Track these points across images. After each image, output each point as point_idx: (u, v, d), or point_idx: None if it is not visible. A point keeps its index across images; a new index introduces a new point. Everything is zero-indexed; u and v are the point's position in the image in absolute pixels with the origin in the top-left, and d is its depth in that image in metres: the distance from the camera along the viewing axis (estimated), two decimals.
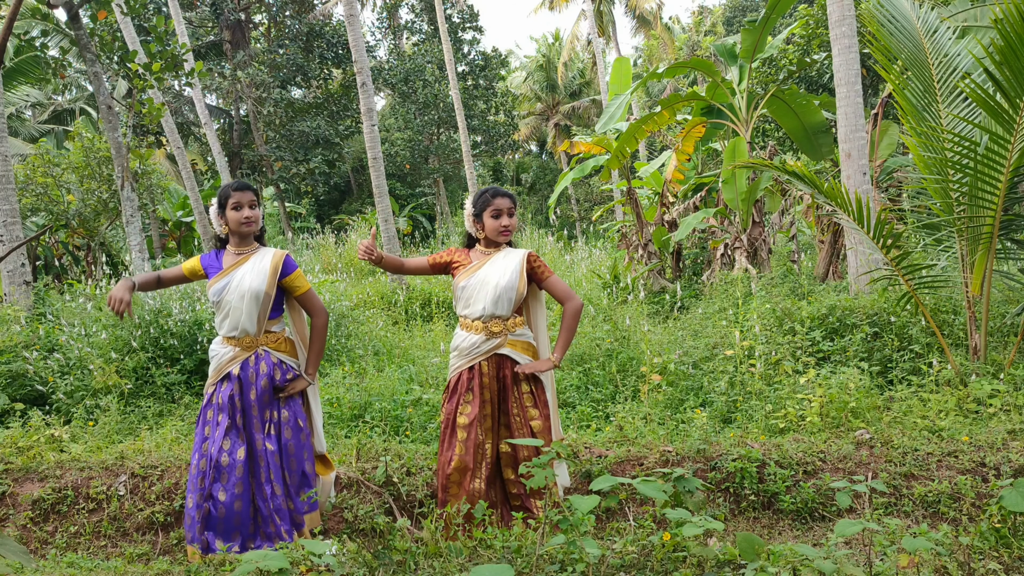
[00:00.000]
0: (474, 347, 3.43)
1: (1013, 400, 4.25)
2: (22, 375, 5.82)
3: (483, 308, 3.40)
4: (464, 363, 3.46)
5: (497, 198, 3.46)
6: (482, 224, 3.50)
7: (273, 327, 3.48)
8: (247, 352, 3.40)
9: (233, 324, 3.39)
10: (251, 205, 3.40)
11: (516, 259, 3.45)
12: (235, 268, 3.42)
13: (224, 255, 3.50)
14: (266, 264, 3.42)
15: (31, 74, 13.68)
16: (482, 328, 3.42)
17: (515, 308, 3.44)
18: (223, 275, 3.41)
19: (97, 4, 13.98)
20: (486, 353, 3.42)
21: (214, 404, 3.41)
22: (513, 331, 3.44)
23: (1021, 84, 4.09)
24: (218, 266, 3.46)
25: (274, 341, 3.46)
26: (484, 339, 3.42)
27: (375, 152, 10.39)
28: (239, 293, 3.35)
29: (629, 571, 2.55)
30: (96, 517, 3.86)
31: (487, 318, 3.41)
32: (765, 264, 9.29)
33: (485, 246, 3.55)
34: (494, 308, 3.39)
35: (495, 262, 3.46)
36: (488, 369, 3.43)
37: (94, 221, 13.58)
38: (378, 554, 2.79)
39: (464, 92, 23.66)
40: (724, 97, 9.55)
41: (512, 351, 3.43)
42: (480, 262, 3.49)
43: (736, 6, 28.43)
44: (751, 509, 3.70)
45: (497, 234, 3.46)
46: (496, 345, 3.42)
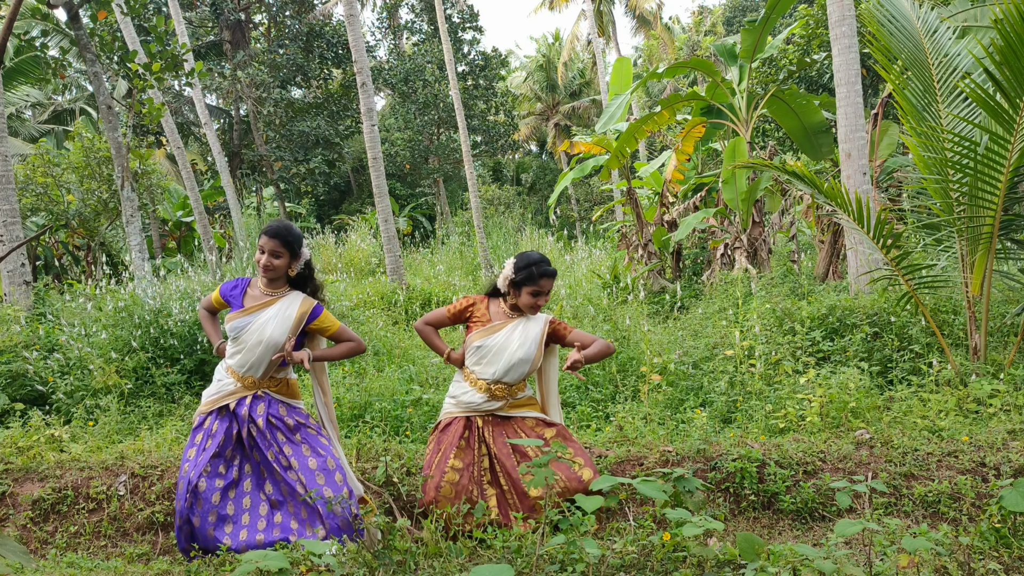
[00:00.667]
0: (472, 403, 3.44)
1: (1013, 400, 4.25)
2: (22, 375, 5.82)
3: (493, 373, 3.40)
4: (459, 412, 3.47)
5: (543, 279, 3.40)
6: (518, 293, 3.45)
7: (284, 374, 3.46)
8: (248, 391, 3.37)
9: (243, 362, 3.34)
10: (273, 254, 3.29)
11: (537, 329, 3.44)
12: (260, 310, 3.34)
13: (250, 290, 3.41)
14: (292, 313, 3.34)
15: (31, 74, 13.69)
16: (486, 388, 3.42)
17: (525, 378, 3.46)
18: (245, 314, 3.33)
19: (97, 4, 13.98)
20: (484, 412, 3.45)
21: (206, 429, 3.37)
22: (515, 396, 3.46)
23: (1021, 84, 4.09)
24: (239, 303, 3.39)
25: (277, 386, 3.43)
26: (485, 399, 3.43)
27: (375, 152, 10.38)
28: (257, 338, 3.29)
29: (629, 571, 2.55)
30: (96, 517, 3.86)
31: (494, 382, 3.42)
32: (765, 264, 9.29)
33: (510, 308, 3.51)
34: (504, 375, 3.40)
35: (516, 329, 3.43)
36: (483, 425, 3.46)
37: (94, 221, 13.59)
38: (378, 554, 2.79)
39: (464, 92, 23.66)
40: (724, 97, 9.55)
41: (511, 412, 3.47)
42: (500, 323, 3.46)
43: (736, 6, 28.43)
44: (751, 509, 3.70)
45: (528, 308, 3.45)
46: (496, 408, 3.45)
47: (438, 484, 3.36)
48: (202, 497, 3.26)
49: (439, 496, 3.35)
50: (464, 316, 3.55)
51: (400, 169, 24.65)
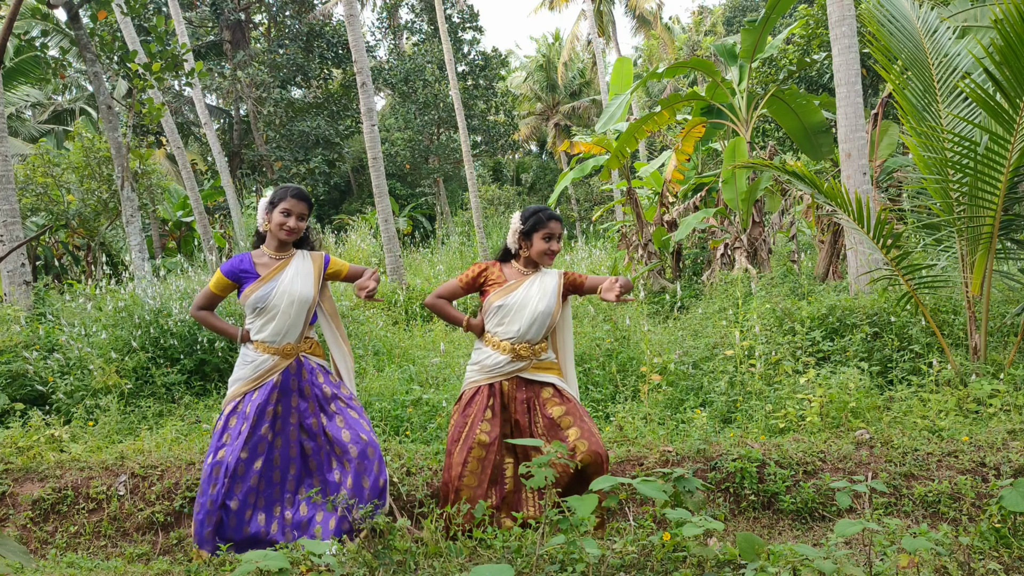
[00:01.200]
0: (497, 366, 3.39)
1: (1013, 400, 4.25)
2: (22, 375, 5.82)
3: (518, 330, 3.36)
4: (484, 379, 3.42)
5: (552, 221, 3.40)
6: (530, 243, 3.43)
7: (310, 332, 3.45)
8: (286, 360, 3.34)
9: (277, 330, 3.30)
10: (300, 217, 3.32)
11: (553, 282, 3.43)
12: (278, 273, 3.31)
13: (257, 260, 3.37)
14: (310, 267, 3.36)
15: (31, 74, 13.68)
16: (510, 349, 3.38)
17: (547, 333, 3.43)
18: (265, 281, 3.29)
19: (97, 4, 13.98)
20: (508, 374, 3.40)
21: (239, 412, 3.32)
22: (538, 355, 3.42)
23: (1021, 84, 4.09)
24: (254, 273, 3.34)
25: (310, 347, 3.42)
26: (509, 360, 3.38)
27: (375, 152, 10.38)
28: (288, 299, 3.27)
29: (629, 571, 2.55)
30: (96, 517, 3.86)
31: (518, 341, 3.38)
32: (765, 264, 9.30)
33: (524, 265, 3.49)
34: (528, 332, 3.36)
35: (533, 284, 3.41)
36: (508, 389, 3.41)
37: (94, 221, 13.59)
38: (378, 554, 2.79)
39: (464, 92, 23.67)
40: (724, 97, 9.55)
41: (535, 374, 3.41)
42: (517, 282, 3.43)
43: (736, 6, 28.43)
44: (751, 509, 3.70)
45: (543, 256, 3.42)
46: (520, 368, 3.39)
47: (464, 460, 3.31)
48: (240, 480, 3.23)
49: (465, 472, 3.29)
50: (478, 283, 3.50)
51: (400, 169, 24.65)
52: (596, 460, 3.26)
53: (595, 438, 3.31)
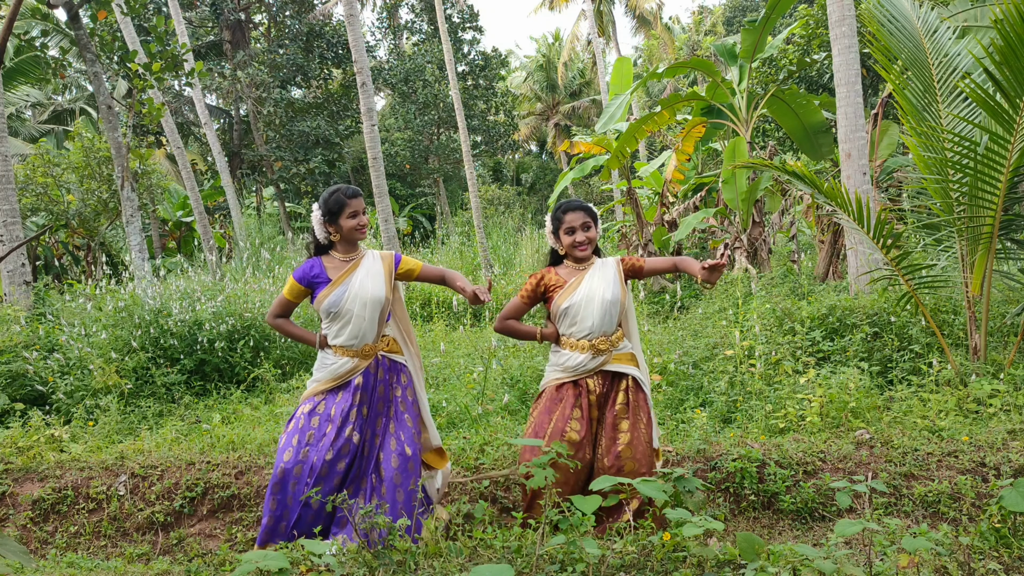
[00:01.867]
0: (581, 365, 3.34)
1: (1013, 400, 4.25)
2: (22, 375, 5.82)
3: (591, 325, 3.31)
4: (567, 377, 3.38)
5: (567, 214, 3.36)
6: (560, 242, 3.42)
7: (387, 330, 3.42)
8: (366, 360, 3.32)
9: (354, 333, 3.27)
10: (364, 212, 3.33)
11: (612, 270, 3.39)
12: (349, 276, 3.29)
13: (327, 263, 3.35)
14: (380, 267, 3.34)
15: (31, 74, 13.68)
16: (589, 347, 3.34)
17: (619, 321, 3.40)
18: (336, 285, 3.27)
19: (97, 4, 13.97)
20: (592, 371, 3.36)
21: (322, 413, 3.27)
22: (617, 346, 3.39)
23: (1021, 84, 4.09)
24: (325, 277, 3.31)
25: (387, 345, 3.40)
26: (591, 357, 3.34)
27: (375, 152, 10.38)
28: (361, 301, 3.25)
29: (629, 571, 2.55)
30: (96, 517, 3.86)
31: (594, 336, 3.33)
32: (765, 264, 9.30)
33: (574, 262, 3.44)
34: (601, 325, 3.32)
35: (594, 276, 3.37)
36: (594, 386, 3.37)
37: (94, 221, 13.59)
38: (378, 554, 2.79)
39: (464, 92, 23.66)
40: (724, 97, 9.55)
41: (618, 365, 3.38)
42: (576, 279, 3.38)
43: (736, 6, 28.43)
44: (751, 509, 3.70)
45: (573, 250, 3.38)
46: (602, 362, 3.35)
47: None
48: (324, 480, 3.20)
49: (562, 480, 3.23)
50: (539, 292, 3.46)
51: (400, 169, 24.64)
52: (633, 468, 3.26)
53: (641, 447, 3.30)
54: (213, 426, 4.84)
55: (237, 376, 6.25)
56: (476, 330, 7.95)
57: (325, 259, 3.36)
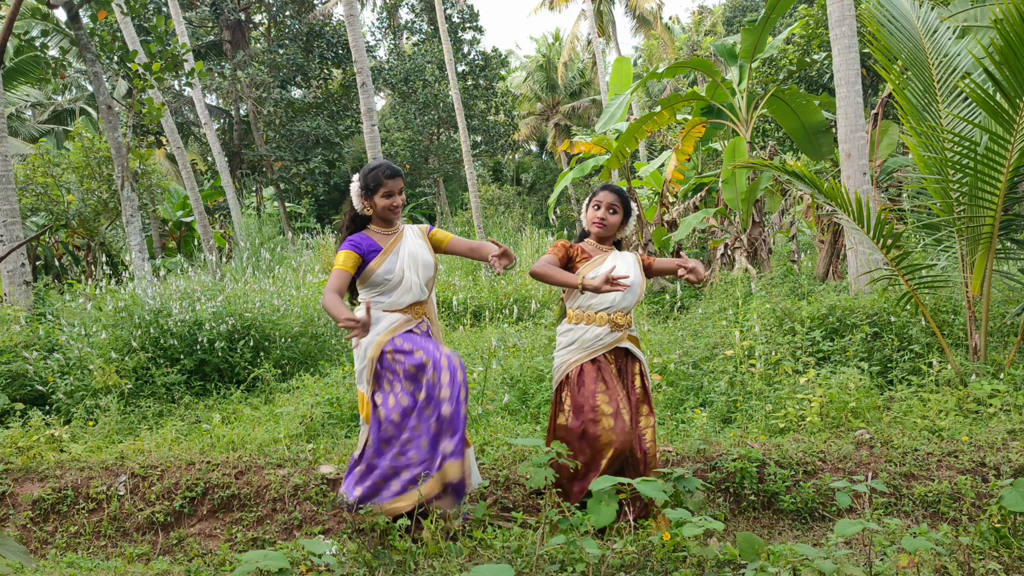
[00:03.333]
0: (597, 339, 3.35)
1: (1013, 400, 4.25)
2: (22, 375, 5.82)
3: (613, 299, 3.36)
4: (584, 356, 3.37)
5: (601, 192, 3.50)
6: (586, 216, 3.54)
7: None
8: (418, 319, 3.42)
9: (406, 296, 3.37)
10: (400, 192, 3.43)
11: (634, 257, 3.52)
12: (397, 244, 3.41)
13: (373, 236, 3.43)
14: (420, 237, 3.48)
15: (31, 74, 13.68)
16: (607, 320, 3.36)
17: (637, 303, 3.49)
18: (387, 254, 3.37)
19: (97, 4, 13.98)
20: (609, 346, 3.37)
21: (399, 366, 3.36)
22: (630, 326, 3.46)
23: (1021, 84, 4.09)
24: (376, 246, 3.39)
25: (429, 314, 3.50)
26: (608, 331, 3.36)
27: (375, 152, 10.38)
28: (413, 267, 3.37)
29: (629, 571, 2.55)
30: (96, 517, 3.86)
31: (614, 310, 3.38)
32: (765, 264, 9.30)
33: (597, 241, 3.54)
34: (624, 300, 3.38)
35: (617, 257, 3.47)
36: (611, 363, 3.40)
37: (94, 221, 13.59)
38: (378, 554, 2.79)
39: (464, 92, 23.66)
40: (724, 97, 9.55)
41: (631, 345, 3.44)
42: (602, 256, 3.47)
43: (736, 6, 28.43)
44: (751, 509, 3.70)
45: (592, 225, 3.50)
46: (619, 338, 3.38)
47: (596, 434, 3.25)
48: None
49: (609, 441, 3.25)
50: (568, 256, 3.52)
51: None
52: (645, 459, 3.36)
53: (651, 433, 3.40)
54: (213, 426, 4.84)
55: (237, 376, 6.25)
56: (476, 330, 7.94)
57: (371, 231, 3.46)
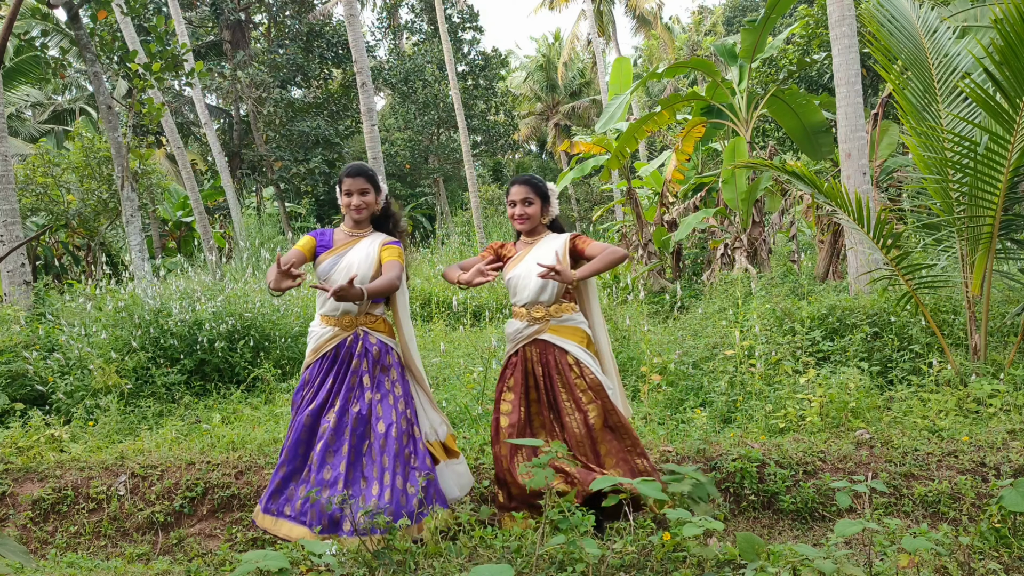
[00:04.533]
0: (517, 332, 3.46)
1: (1013, 400, 4.25)
2: (22, 375, 5.82)
3: (527, 295, 3.42)
4: (510, 348, 3.50)
5: (513, 187, 3.51)
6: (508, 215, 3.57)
7: (374, 309, 3.44)
8: (347, 332, 3.37)
9: (335, 305, 3.33)
10: (362, 192, 3.38)
11: (558, 243, 3.46)
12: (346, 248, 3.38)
13: (336, 233, 3.47)
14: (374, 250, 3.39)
15: (31, 74, 13.68)
16: (525, 315, 3.44)
17: (561, 293, 3.44)
18: (332, 253, 3.39)
19: (97, 4, 13.97)
20: (528, 338, 3.43)
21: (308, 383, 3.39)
22: (558, 316, 3.43)
23: (1021, 84, 4.09)
24: (329, 243, 3.44)
25: (372, 322, 3.42)
26: (526, 325, 3.44)
27: (375, 152, 10.38)
28: (347, 276, 3.28)
29: (629, 571, 2.55)
30: (96, 517, 3.86)
31: (530, 305, 3.43)
32: (765, 264, 9.29)
33: (527, 235, 3.57)
34: (540, 295, 3.40)
35: (537, 249, 3.48)
36: (532, 355, 3.44)
37: (94, 221, 13.58)
38: (378, 554, 2.79)
39: (464, 92, 23.65)
40: (724, 97, 9.55)
41: (555, 336, 3.41)
42: (523, 252, 3.52)
43: (736, 6, 28.42)
44: (751, 509, 3.70)
45: (516, 224, 3.53)
46: (537, 331, 3.42)
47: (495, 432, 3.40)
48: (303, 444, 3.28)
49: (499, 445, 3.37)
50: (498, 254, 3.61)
51: (400, 169, 24.63)
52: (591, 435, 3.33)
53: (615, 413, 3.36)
54: (213, 426, 4.84)
55: (237, 376, 6.25)
56: (476, 330, 7.94)
57: (337, 230, 3.49)
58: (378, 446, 3.24)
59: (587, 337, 3.49)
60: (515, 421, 3.37)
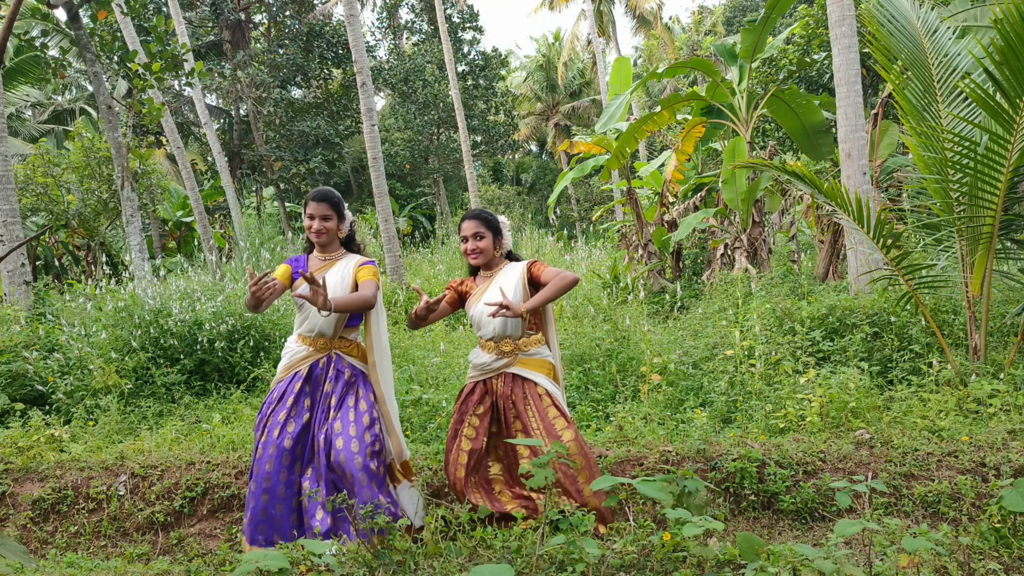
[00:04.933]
0: (485, 364, 3.47)
1: (1013, 400, 4.25)
2: (22, 375, 5.82)
3: (493, 330, 3.42)
4: (478, 376, 3.51)
5: (464, 222, 3.50)
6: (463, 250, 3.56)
7: (349, 334, 3.47)
8: (320, 353, 3.40)
9: (310, 327, 3.38)
10: (324, 218, 3.40)
11: (517, 274, 3.45)
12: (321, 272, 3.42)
13: (309, 260, 3.51)
14: (349, 272, 3.41)
15: (31, 74, 13.68)
16: (494, 348, 3.45)
17: (526, 325, 3.45)
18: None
19: (97, 4, 13.98)
20: (497, 371, 3.46)
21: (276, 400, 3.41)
22: (526, 350, 3.44)
23: (1021, 84, 4.09)
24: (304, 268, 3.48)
25: (346, 346, 3.45)
26: (495, 358, 3.45)
27: (375, 152, 10.38)
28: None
29: (629, 571, 2.55)
30: (96, 517, 3.86)
31: (498, 339, 3.44)
32: (765, 264, 9.29)
33: (484, 269, 3.57)
34: (503, 329, 3.41)
35: (497, 283, 3.46)
36: (500, 388, 3.46)
37: (94, 221, 13.58)
38: (378, 554, 2.79)
39: (464, 92, 23.65)
40: (724, 97, 9.55)
41: (524, 370, 3.43)
42: (484, 286, 3.51)
43: (736, 6, 28.42)
44: (751, 509, 3.70)
45: (469, 259, 3.51)
46: (506, 364, 3.44)
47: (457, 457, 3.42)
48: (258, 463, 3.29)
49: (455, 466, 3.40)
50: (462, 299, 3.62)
51: (400, 169, 24.63)
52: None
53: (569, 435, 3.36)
54: (213, 426, 4.84)
55: (237, 376, 6.25)
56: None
57: (312, 256, 3.53)
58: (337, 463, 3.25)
59: (553, 369, 3.51)
60: (477, 447, 3.42)
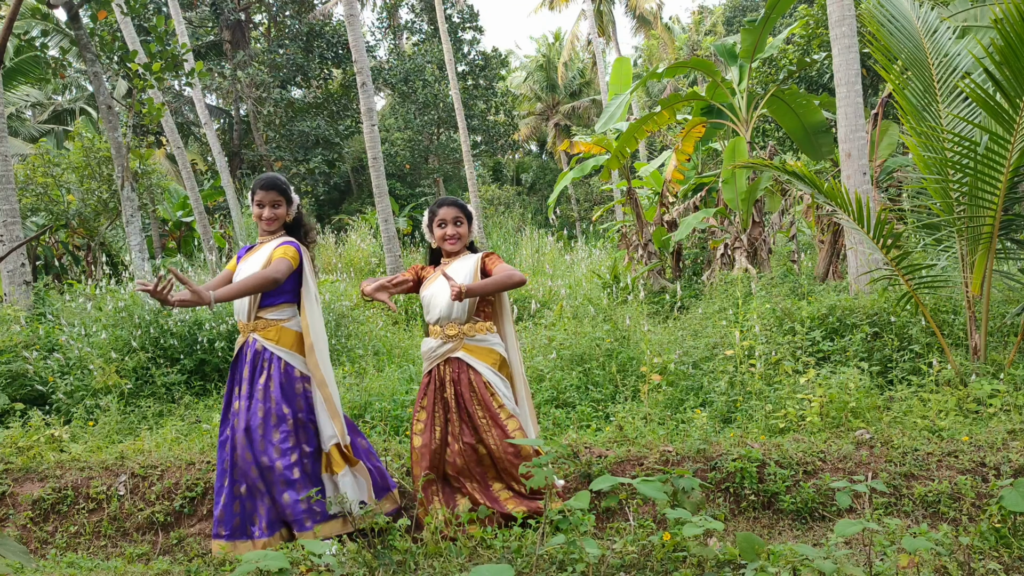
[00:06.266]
0: (430, 351, 3.50)
1: (1013, 400, 4.25)
2: (22, 375, 5.82)
3: (439, 313, 3.44)
4: (426, 366, 3.53)
5: (441, 208, 3.53)
6: (434, 235, 3.57)
7: (268, 314, 3.40)
8: (245, 335, 3.45)
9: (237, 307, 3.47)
10: (274, 204, 3.46)
11: (471, 263, 3.49)
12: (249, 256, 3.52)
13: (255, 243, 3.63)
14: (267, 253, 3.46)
15: (31, 74, 13.67)
16: (439, 333, 3.47)
17: (473, 311, 3.45)
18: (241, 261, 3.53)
19: (97, 4, 13.97)
20: (441, 357, 3.46)
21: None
22: (471, 335, 3.45)
23: (1021, 84, 4.09)
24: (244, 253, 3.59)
25: (264, 327, 3.38)
26: (440, 343, 3.46)
27: (375, 152, 10.38)
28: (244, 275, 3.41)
29: (629, 571, 2.55)
30: (96, 517, 3.86)
31: (443, 322, 3.46)
32: (765, 264, 9.29)
33: (446, 256, 3.60)
34: (451, 313, 3.42)
35: (451, 268, 3.51)
36: (445, 374, 3.46)
37: (94, 221, 13.58)
38: (378, 554, 2.79)
39: (464, 92, 23.67)
40: (724, 97, 9.55)
41: (468, 355, 3.43)
42: (437, 272, 3.57)
43: (736, 6, 28.42)
44: (751, 509, 3.70)
45: (444, 244, 3.53)
46: (450, 349, 3.45)
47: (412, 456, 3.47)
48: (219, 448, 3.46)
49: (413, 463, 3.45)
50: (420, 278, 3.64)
51: (400, 169, 24.64)
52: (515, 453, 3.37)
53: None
54: (213, 426, 4.84)
55: None
56: None
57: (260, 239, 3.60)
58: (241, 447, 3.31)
59: (501, 359, 3.50)
60: (426, 442, 3.41)
